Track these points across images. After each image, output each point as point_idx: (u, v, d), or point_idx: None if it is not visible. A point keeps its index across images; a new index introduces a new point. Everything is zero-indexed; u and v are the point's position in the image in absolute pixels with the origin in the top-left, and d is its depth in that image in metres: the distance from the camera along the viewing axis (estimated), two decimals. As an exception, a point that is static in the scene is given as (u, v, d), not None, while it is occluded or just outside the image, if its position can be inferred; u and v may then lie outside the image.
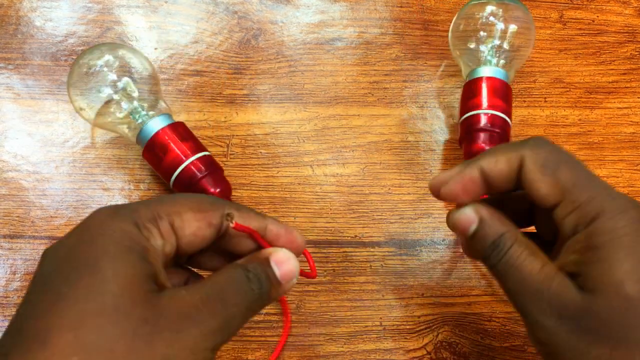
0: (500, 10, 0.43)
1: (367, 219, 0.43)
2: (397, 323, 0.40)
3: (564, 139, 0.47)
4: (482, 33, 0.43)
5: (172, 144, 0.39)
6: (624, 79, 0.49)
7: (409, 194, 0.44)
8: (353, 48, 0.48)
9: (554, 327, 0.24)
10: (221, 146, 0.45)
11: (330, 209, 0.43)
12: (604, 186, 0.25)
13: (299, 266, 0.26)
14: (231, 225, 0.25)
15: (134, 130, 0.40)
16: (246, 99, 0.46)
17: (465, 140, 0.41)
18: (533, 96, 0.48)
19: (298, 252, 0.27)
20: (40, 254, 0.22)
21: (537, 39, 0.49)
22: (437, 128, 0.46)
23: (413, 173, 0.45)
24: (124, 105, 0.40)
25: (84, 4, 0.48)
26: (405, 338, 0.40)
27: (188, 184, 0.39)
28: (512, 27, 0.43)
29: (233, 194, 0.43)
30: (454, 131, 0.46)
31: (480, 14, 0.44)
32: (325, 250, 0.42)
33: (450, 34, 0.45)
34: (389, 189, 0.44)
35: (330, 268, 0.41)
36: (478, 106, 0.41)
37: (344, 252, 0.42)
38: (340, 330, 0.40)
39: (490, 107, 0.41)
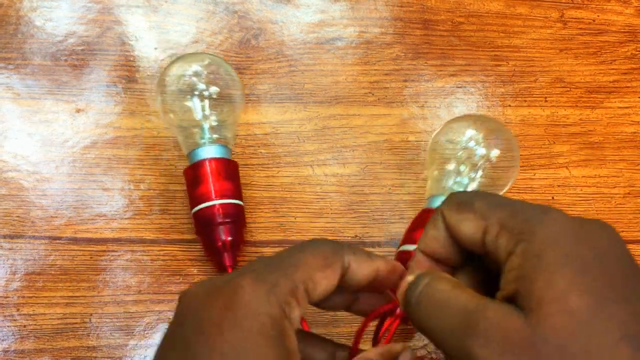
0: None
1: (368, 219, 0.43)
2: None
3: (565, 139, 0.47)
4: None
5: (209, 179, 0.38)
6: (625, 79, 0.49)
7: (409, 193, 0.44)
8: (353, 47, 0.48)
9: None
10: (221, 146, 0.45)
11: (331, 209, 0.43)
12: (519, 201, 0.24)
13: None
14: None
15: (190, 146, 0.40)
16: (246, 98, 0.46)
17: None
18: (534, 96, 0.48)
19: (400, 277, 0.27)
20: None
21: (538, 39, 0.49)
22: (437, 128, 0.46)
23: (414, 173, 0.45)
24: (198, 112, 0.40)
25: (83, 3, 0.48)
26: (406, 338, 0.40)
27: (206, 223, 0.38)
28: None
29: (233, 193, 0.43)
30: (455, 131, 0.46)
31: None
32: (325, 250, 0.42)
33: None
34: (390, 188, 0.44)
35: (330, 268, 0.41)
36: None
37: (344, 252, 0.42)
38: (340, 330, 0.40)
39: None
